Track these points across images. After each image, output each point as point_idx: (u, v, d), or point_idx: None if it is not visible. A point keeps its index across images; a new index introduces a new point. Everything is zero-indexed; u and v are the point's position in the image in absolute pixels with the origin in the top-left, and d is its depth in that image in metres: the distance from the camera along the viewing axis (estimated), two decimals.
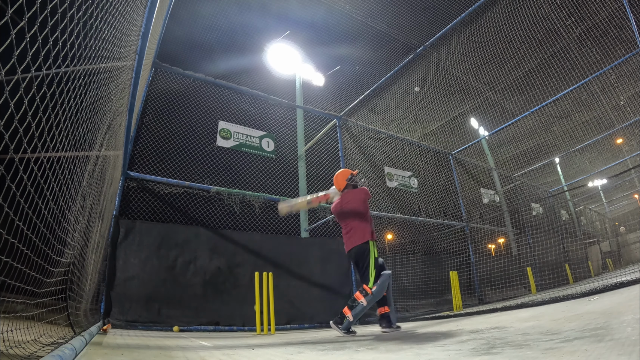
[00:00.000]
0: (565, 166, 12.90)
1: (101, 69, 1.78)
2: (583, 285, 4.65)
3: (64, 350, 1.31)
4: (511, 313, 3.69)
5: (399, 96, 8.94)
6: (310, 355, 1.86)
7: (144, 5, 2.90)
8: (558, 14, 6.82)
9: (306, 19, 8.00)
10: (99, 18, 1.55)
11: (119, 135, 3.50)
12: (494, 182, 11.30)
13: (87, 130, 1.66)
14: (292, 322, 5.31)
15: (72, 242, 1.74)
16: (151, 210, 5.29)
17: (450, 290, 6.85)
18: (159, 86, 5.90)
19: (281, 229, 6.43)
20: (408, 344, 2.07)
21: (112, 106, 2.55)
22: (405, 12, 7.27)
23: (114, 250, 4.51)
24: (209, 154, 6.26)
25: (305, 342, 2.75)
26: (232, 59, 8.19)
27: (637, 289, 3.20)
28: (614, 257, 13.85)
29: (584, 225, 13.87)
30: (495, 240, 11.27)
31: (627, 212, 15.38)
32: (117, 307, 4.32)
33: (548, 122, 9.38)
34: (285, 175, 7.05)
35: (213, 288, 4.98)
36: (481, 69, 7.95)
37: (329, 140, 7.72)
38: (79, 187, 1.71)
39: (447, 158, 9.77)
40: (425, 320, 4.86)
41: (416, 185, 9.00)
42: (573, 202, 13.96)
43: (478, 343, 1.70)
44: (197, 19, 7.31)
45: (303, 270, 5.77)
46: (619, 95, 7.87)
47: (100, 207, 2.99)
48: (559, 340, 1.43)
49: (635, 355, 0.96)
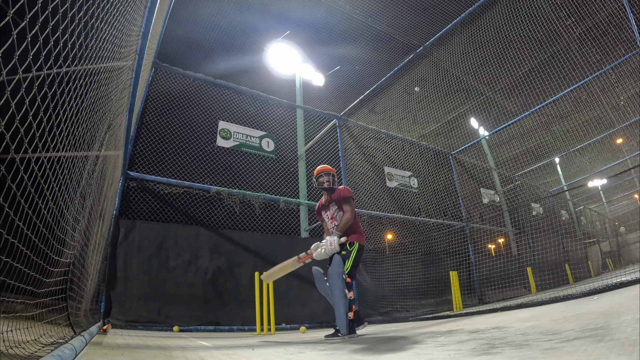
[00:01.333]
0: (565, 166, 12.89)
1: (101, 69, 1.78)
2: (583, 285, 4.65)
3: (64, 350, 1.31)
4: (511, 313, 3.69)
5: (399, 96, 8.93)
6: (310, 355, 1.86)
7: (144, 5, 2.91)
8: (558, 14, 6.82)
9: (306, 19, 8.00)
10: (100, 18, 1.55)
11: (119, 135, 3.50)
12: (494, 182, 11.30)
13: (87, 130, 1.66)
14: (292, 322, 5.31)
15: (71, 242, 1.74)
16: (151, 210, 5.29)
17: (450, 290, 6.85)
18: (159, 86, 5.90)
19: (281, 229, 6.42)
20: (408, 344, 2.07)
21: (112, 106, 2.55)
22: (405, 12, 7.26)
23: (114, 250, 4.52)
24: (209, 154, 6.26)
25: (305, 342, 2.75)
26: (232, 59, 8.19)
27: (637, 289, 3.20)
28: (614, 257, 13.85)
29: (584, 225, 13.86)
30: (495, 240, 11.27)
31: (627, 212, 15.38)
32: (117, 307, 4.32)
33: (548, 122, 9.37)
34: (285, 175, 7.05)
35: (213, 288, 4.98)
36: (481, 69, 7.95)
37: (329, 140, 7.73)
38: (78, 187, 1.71)
39: (447, 158, 9.77)
40: (425, 320, 4.87)
41: (416, 185, 9.00)
42: (573, 202, 13.95)
43: (478, 343, 1.70)
44: (197, 19, 7.30)
45: (303, 270, 5.75)
46: (619, 95, 7.87)
47: (101, 207, 2.99)
48: (559, 340, 1.43)
49: (635, 355, 0.96)
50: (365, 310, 6.06)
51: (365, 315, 3.69)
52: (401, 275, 7.17)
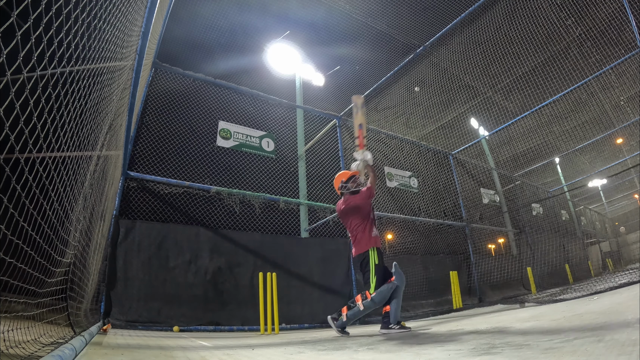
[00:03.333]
0: (565, 166, 12.91)
1: (104, 69, 1.79)
2: (583, 285, 4.66)
3: (64, 350, 1.32)
4: (511, 313, 3.70)
5: (399, 96, 8.94)
6: (310, 355, 1.86)
7: (144, 5, 2.91)
8: (558, 14, 6.82)
9: (306, 19, 8.00)
10: (102, 19, 1.55)
11: (119, 135, 3.51)
12: (494, 182, 11.31)
13: (90, 131, 1.66)
14: (292, 322, 5.31)
15: (73, 242, 1.74)
16: (151, 210, 5.29)
17: (450, 290, 6.86)
18: (159, 86, 5.89)
19: (281, 229, 6.42)
20: (408, 344, 2.07)
21: (114, 106, 2.55)
22: (405, 12, 7.27)
23: (114, 250, 4.51)
24: (209, 154, 6.26)
25: (305, 342, 2.75)
26: (232, 59, 8.19)
27: (637, 289, 3.20)
28: (614, 257, 13.87)
29: (584, 225, 13.88)
30: (495, 240, 11.28)
31: (627, 212, 15.40)
32: (117, 307, 4.32)
33: (548, 122, 9.38)
34: (285, 175, 7.05)
35: (213, 288, 4.98)
36: (481, 69, 7.96)
37: (329, 140, 7.72)
38: (82, 187, 1.71)
39: (447, 158, 9.78)
40: (425, 320, 4.87)
41: (416, 185, 9.00)
42: (573, 202, 13.96)
43: (478, 343, 1.70)
44: (197, 19, 7.31)
45: (303, 270, 5.77)
46: (619, 95, 7.88)
47: (102, 207, 3.00)
48: (559, 340, 1.44)
49: (635, 355, 0.97)
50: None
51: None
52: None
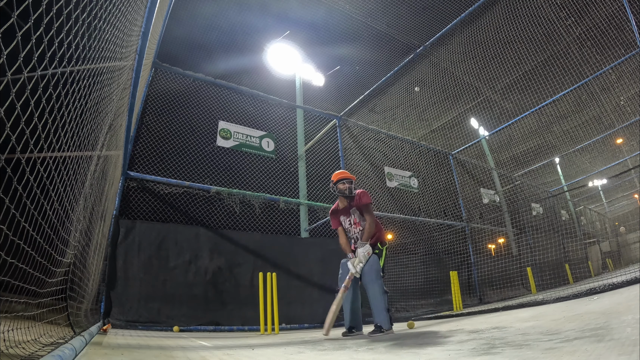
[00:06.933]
0: (565, 166, 12.91)
1: (104, 69, 1.79)
2: (583, 285, 4.66)
3: (64, 350, 1.32)
4: (511, 313, 3.70)
5: (399, 96, 8.94)
6: (310, 355, 1.86)
7: (144, 5, 2.91)
8: (558, 14, 6.82)
9: (306, 19, 8.00)
10: (102, 19, 1.55)
11: (119, 135, 3.51)
12: (494, 182, 11.31)
13: (90, 130, 1.66)
14: (292, 322, 5.32)
15: (73, 242, 1.74)
16: (151, 210, 5.30)
17: (450, 290, 6.85)
18: (159, 86, 5.89)
19: (281, 229, 6.43)
20: (408, 344, 2.07)
21: (114, 106, 2.55)
22: (405, 12, 7.27)
23: (114, 250, 4.52)
24: (209, 154, 6.26)
25: (305, 342, 2.75)
26: (232, 59, 8.18)
27: (637, 289, 3.20)
28: (614, 257, 13.87)
29: (584, 225, 13.87)
30: (495, 240, 11.28)
31: (627, 212, 15.40)
32: (117, 307, 4.32)
33: (548, 122, 9.38)
34: (285, 175, 7.05)
35: (213, 288, 4.98)
36: (481, 69, 7.96)
37: (329, 140, 7.72)
38: (82, 187, 1.71)
39: (447, 158, 9.78)
40: (425, 320, 4.87)
41: (416, 185, 9.00)
42: (573, 202, 13.96)
43: (478, 343, 1.70)
44: (197, 19, 7.30)
45: (303, 270, 5.77)
46: (619, 95, 7.88)
47: (102, 207, 3.00)
48: (559, 340, 1.44)
49: (635, 355, 0.97)
50: (365, 310, 6.05)
51: (364, 315, 3.70)
52: (401, 275, 7.18)
